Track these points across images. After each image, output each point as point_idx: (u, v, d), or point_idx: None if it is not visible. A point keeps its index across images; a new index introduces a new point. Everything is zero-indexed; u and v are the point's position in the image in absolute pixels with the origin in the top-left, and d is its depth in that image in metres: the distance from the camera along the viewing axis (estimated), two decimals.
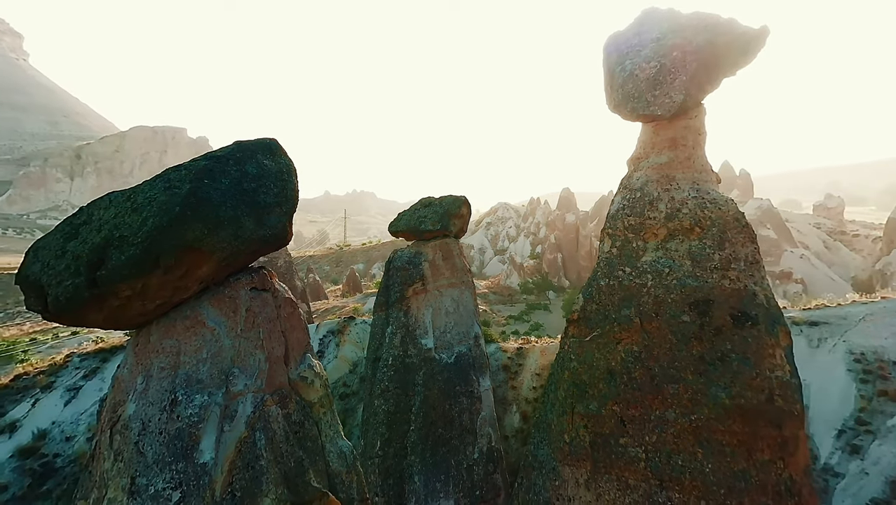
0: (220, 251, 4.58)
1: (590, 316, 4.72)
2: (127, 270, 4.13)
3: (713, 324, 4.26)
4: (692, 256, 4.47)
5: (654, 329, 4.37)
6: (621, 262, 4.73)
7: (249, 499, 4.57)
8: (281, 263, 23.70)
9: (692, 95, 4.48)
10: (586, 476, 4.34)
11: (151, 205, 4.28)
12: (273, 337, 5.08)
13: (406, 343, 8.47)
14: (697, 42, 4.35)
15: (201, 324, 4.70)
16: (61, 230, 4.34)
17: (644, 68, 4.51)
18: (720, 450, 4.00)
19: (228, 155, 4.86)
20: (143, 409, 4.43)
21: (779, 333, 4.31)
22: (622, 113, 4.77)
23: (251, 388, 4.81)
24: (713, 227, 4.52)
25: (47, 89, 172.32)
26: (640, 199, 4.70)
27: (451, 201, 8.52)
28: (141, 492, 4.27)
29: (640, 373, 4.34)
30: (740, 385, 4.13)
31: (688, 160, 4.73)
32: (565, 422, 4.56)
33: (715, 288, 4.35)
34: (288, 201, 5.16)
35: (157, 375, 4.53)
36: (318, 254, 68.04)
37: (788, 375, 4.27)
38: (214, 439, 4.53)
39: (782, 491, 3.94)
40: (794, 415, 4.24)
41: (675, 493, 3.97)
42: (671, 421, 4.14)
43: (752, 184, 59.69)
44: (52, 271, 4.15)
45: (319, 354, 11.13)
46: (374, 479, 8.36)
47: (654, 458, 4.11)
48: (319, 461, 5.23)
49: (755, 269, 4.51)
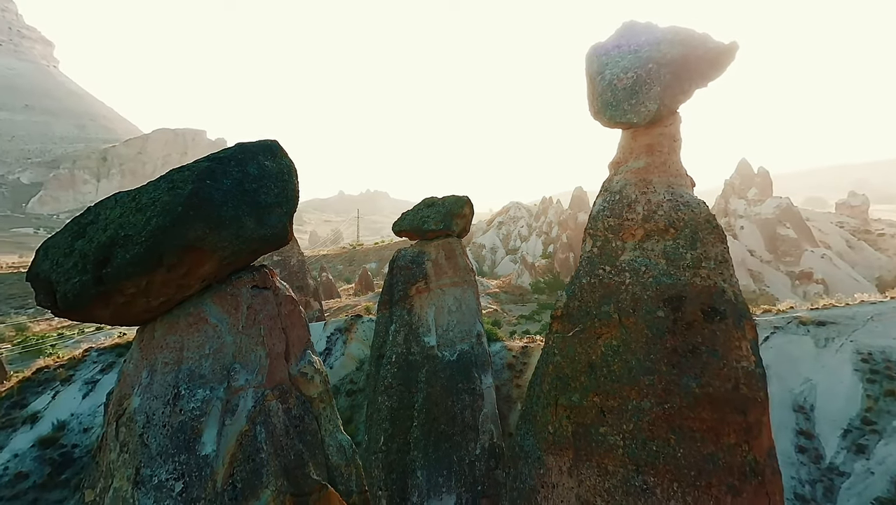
0: (222, 250, 4.65)
1: (572, 313, 4.96)
2: (131, 268, 4.21)
3: (685, 319, 4.53)
4: (666, 256, 4.74)
5: (631, 324, 4.64)
6: (601, 261, 4.97)
7: (250, 490, 4.63)
8: (294, 262, 23.91)
9: (666, 105, 4.76)
10: (569, 464, 4.60)
11: (155, 205, 4.36)
12: (274, 334, 5.13)
13: (409, 341, 8.49)
14: (672, 55, 4.69)
15: (204, 321, 4.77)
16: (70, 229, 4.44)
17: (622, 78, 4.79)
18: (691, 435, 4.34)
19: (230, 156, 4.93)
20: (147, 402, 4.52)
21: (745, 327, 4.61)
22: (601, 120, 5.04)
23: (252, 383, 4.87)
24: (686, 228, 4.78)
25: (76, 94, 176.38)
26: (619, 202, 4.97)
27: (453, 201, 8.52)
28: (145, 482, 4.35)
29: (619, 365, 4.60)
30: (709, 375, 4.43)
31: (663, 165, 5.01)
32: (549, 413, 4.79)
33: (687, 285, 4.63)
34: (288, 201, 5.20)
35: (161, 370, 4.61)
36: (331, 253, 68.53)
37: (753, 365, 4.54)
38: (216, 432, 4.60)
39: (747, 471, 4.26)
40: (757, 402, 4.50)
41: (650, 476, 4.29)
42: (647, 410, 4.41)
43: (771, 182, 57.70)
44: (61, 269, 4.25)
45: (327, 351, 11.22)
46: (378, 473, 8.40)
47: (630, 445, 4.40)
48: (319, 454, 5.27)
49: (724, 267, 4.76)
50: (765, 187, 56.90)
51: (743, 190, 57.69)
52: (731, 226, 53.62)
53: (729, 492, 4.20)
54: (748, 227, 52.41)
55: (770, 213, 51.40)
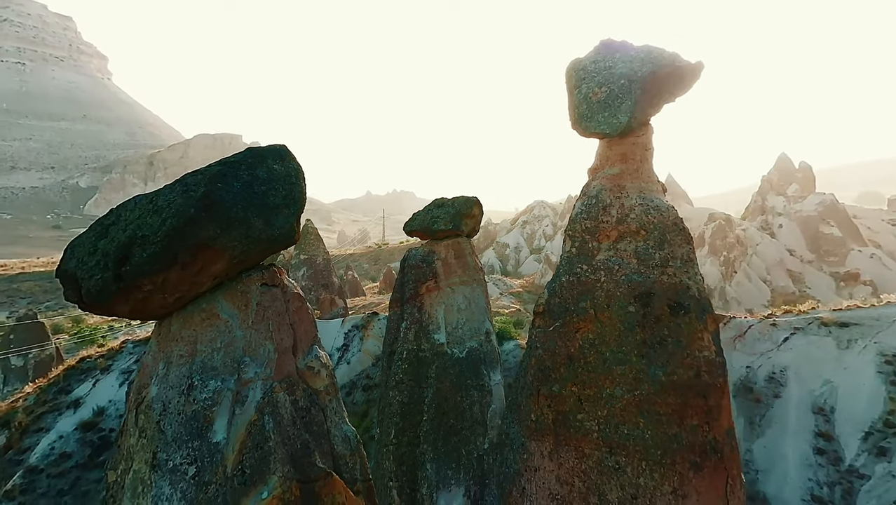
0: (232, 249, 4.80)
1: (553, 309, 5.20)
2: (148, 266, 4.40)
3: (653, 313, 4.86)
4: (637, 255, 5.04)
5: (605, 319, 4.95)
6: (579, 260, 5.23)
7: (258, 476, 4.76)
8: (320, 261, 24.38)
9: (636, 118, 5.05)
10: (549, 448, 4.91)
11: (170, 207, 4.54)
12: (282, 329, 5.26)
13: (419, 338, 8.54)
14: (643, 73, 5.00)
15: (216, 316, 4.94)
16: (94, 229, 4.67)
17: (596, 92, 5.12)
18: (657, 419, 4.66)
19: (241, 160, 5.08)
20: (164, 392, 4.72)
21: (707, 320, 4.92)
22: (578, 130, 5.34)
23: (261, 375, 5.01)
24: (655, 230, 5.04)
25: (126, 104, 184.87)
26: (595, 205, 5.24)
27: (462, 202, 8.53)
28: (161, 466, 4.55)
29: (594, 357, 4.90)
30: (674, 364, 4.73)
31: (636, 172, 5.31)
32: (532, 403, 5.06)
33: (655, 282, 4.91)
34: (295, 203, 5.32)
35: (176, 362, 4.81)
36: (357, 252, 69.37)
37: (714, 354, 4.85)
38: (227, 421, 4.76)
39: (707, 449, 4.61)
40: (717, 387, 4.78)
41: (622, 457, 4.64)
42: (619, 397, 4.74)
43: (813, 177, 52.50)
44: (85, 266, 4.48)
45: (345, 347, 11.40)
46: (389, 465, 8.49)
47: (604, 429, 4.73)
48: (325, 444, 5.37)
49: (689, 266, 5.10)
50: (807, 183, 52.96)
51: (782, 186, 53.90)
52: (768, 224, 50.53)
53: (692, 468, 4.54)
54: (788, 225, 49.30)
55: (812, 211, 47.87)
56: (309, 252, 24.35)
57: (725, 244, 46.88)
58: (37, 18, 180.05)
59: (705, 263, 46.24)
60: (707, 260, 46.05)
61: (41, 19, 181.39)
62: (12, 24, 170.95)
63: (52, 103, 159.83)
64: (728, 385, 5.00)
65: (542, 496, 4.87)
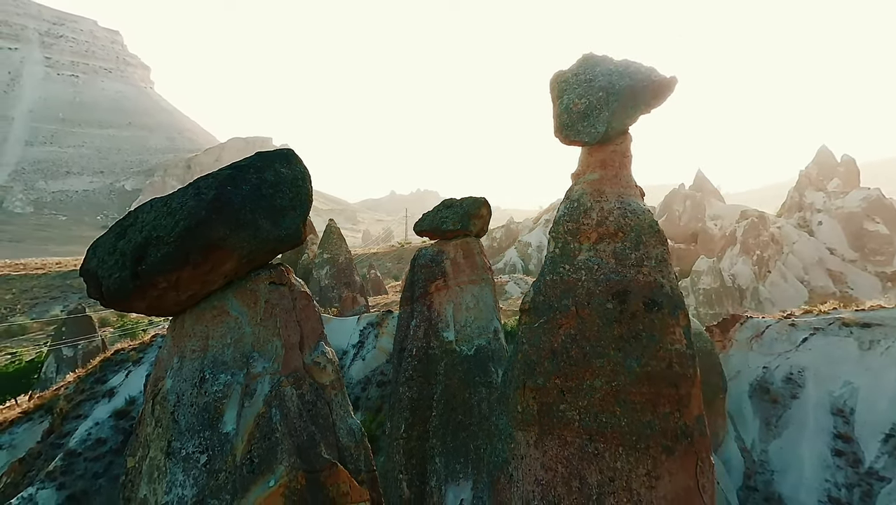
0: (241, 249, 4.91)
1: (538, 306, 5.39)
2: (162, 265, 4.55)
3: (629, 310, 5.10)
4: (615, 256, 5.25)
5: (586, 315, 5.14)
6: (562, 260, 5.42)
7: (266, 465, 4.87)
8: (342, 260, 24.71)
9: (614, 127, 5.30)
10: (535, 438, 5.12)
11: (183, 209, 4.68)
12: (289, 326, 5.36)
13: (429, 335, 8.56)
14: (620, 86, 5.24)
15: (226, 313, 5.07)
16: (114, 230, 4.85)
17: (576, 104, 5.30)
18: (633, 407, 4.90)
19: (249, 164, 5.19)
20: (178, 384, 4.88)
21: (679, 316, 5.13)
22: (560, 137, 5.56)
23: (269, 370, 5.12)
24: (632, 232, 5.33)
25: (166, 111, 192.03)
26: (577, 208, 5.44)
27: (470, 203, 8.50)
28: (175, 453, 4.71)
29: (576, 351, 5.10)
30: (648, 356, 4.96)
31: (615, 178, 5.54)
32: (518, 395, 5.25)
33: (632, 281, 5.18)
34: (302, 205, 5.41)
35: (189, 357, 4.96)
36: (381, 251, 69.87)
37: (684, 347, 5.05)
38: (236, 413, 4.88)
39: (678, 434, 4.84)
40: (687, 377, 4.98)
41: (600, 443, 4.93)
42: (598, 388, 5.02)
43: (857, 171, 49.32)
44: (105, 266, 4.67)
45: (360, 344, 11.51)
46: (399, 458, 8.54)
47: (585, 418, 5.01)
48: (330, 436, 5.44)
49: (663, 265, 5.31)
50: (849, 177, 48.55)
51: (822, 181, 50.38)
52: (806, 221, 47.26)
53: (664, 452, 4.80)
54: (828, 222, 46.05)
55: (855, 207, 44.51)
56: (332, 251, 24.72)
57: (759, 242, 44.18)
58: (88, 34, 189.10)
59: (737, 262, 43.49)
60: (739, 259, 43.38)
61: (92, 34, 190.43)
62: (67, 40, 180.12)
63: (101, 112, 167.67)
64: (698, 375, 5.10)
65: (528, 482, 5.12)
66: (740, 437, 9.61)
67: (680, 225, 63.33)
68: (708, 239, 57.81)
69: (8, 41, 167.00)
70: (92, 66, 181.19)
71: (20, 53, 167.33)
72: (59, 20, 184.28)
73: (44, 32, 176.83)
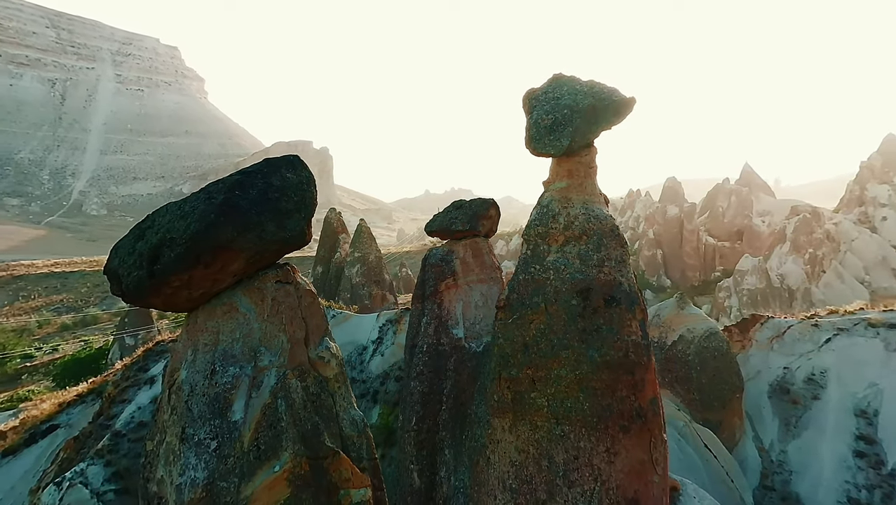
0: (248, 250, 5.03)
1: (512, 303, 5.71)
2: (175, 265, 4.72)
3: (591, 306, 5.43)
4: (580, 257, 5.59)
5: (554, 311, 5.50)
6: (533, 261, 5.75)
7: (272, 451, 4.99)
8: (372, 259, 25.05)
9: (577, 142, 5.65)
10: (509, 423, 5.46)
11: (194, 212, 4.83)
12: (294, 322, 5.46)
13: (439, 332, 8.53)
14: (583, 104, 5.61)
15: (235, 310, 5.21)
16: (133, 232, 5.07)
17: (544, 119, 5.74)
18: (594, 392, 5.25)
19: (257, 170, 5.31)
20: (191, 375, 5.06)
21: (635, 310, 5.48)
22: (530, 149, 5.90)
23: (275, 363, 5.23)
24: (594, 235, 5.66)
25: (218, 119, 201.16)
26: (546, 214, 5.77)
27: (479, 204, 8.43)
28: (188, 439, 4.89)
29: (545, 344, 5.45)
30: (607, 347, 5.31)
31: (580, 186, 5.89)
32: (495, 385, 5.60)
33: (594, 280, 5.51)
34: (306, 208, 5.48)
35: (202, 350, 5.13)
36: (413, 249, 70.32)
37: (640, 338, 5.43)
38: (244, 403, 5.02)
39: (633, 415, 5.22)
40: (641, 364, 5.34)
41: (566, 426, 5.26)
42: (564, 376, 5.33)
43: None
44: (125, 265, 4.90)
45: (379, 340, 11.61)
46: (410, 449, 8.57)
47: (552, 404, 5.33)
48: (333, 426, 5.51)
49: (622, 266, 5.67)
50: None
51: (887, 173, 46.16)
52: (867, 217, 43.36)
53: (621, 431, 5.17)
54: (893, 218, 42.44)
55: None
56: (363, 250, 25.11)
57: (811, 240, 40.83)
58: (151, 51, 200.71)
59: (786, 261, 39.89)
60: (788, 259, 39.76)
61: (154, 51, 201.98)
62: (135, 58, 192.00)
63: (162, 122, 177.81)
64: (653, 362, 5.40)
65: (503, 463, 5.46)
66: (758, 437, 9.09)
67: (724, 222, 59.34)
68: (754, 236, 54.18)
69: (87, 62, 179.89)
70: (154, 81, 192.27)
71: (96, 72, 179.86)
72: (128, 40, 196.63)
73: (115, 52, 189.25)
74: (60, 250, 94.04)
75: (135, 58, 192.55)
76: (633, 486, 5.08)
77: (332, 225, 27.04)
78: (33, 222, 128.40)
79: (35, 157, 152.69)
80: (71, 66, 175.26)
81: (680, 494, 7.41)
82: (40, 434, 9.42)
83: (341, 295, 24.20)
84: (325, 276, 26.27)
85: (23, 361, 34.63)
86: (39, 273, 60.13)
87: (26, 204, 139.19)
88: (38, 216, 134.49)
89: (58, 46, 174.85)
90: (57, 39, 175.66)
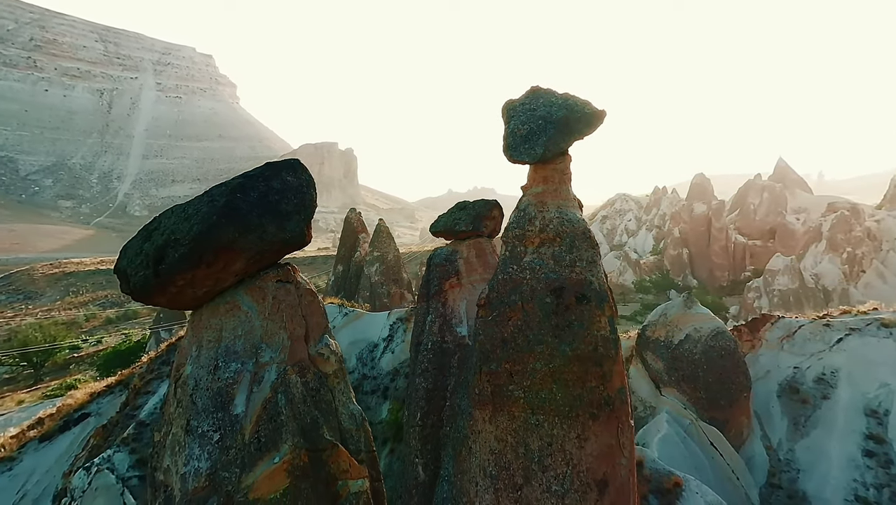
0: (249, 250, 5.08)
1: (492, 301, 5.87)
2: (179, 265, 4.81)
3: (564, 303, 5.61)
4: (554, 258, 5.80)
5: (530, 309, 5.69)
6: (511, 261, 5.91)
7: (272, 443, 5.04)
8: (391, 258, 25.15)
9: (550, 150, 5.82)
10: (489, 415, 5.66)
11: (197, 214, 4.91)
12: (295, 320, 5.49)
13: (443, 330, 8.47)
14: (557, 116, 5.84)
15: (238, 308, 5.28)
16: (141, 234, 5.18)
17: (520, 129, 5.95)
18: (566, 383, 5.45)
19: (259, 173, 5.36)
20: (196, 370, 5.15)
21: (604, 307, 5.67)
22: (507, 157, 6.03)
23: (276, 360, 5.28)
24: (567, 237, 5.84)
25: (249, 123, 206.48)
26: (523, 217, 5.91)
27: (482, 205, 8.33)
28: (193, 431, 4.99)
29: (522, 340, 5.64)
30: (578, 341, 5.51)
31: (556, 191, 6.06)
32: (476, 379, 5.75)
33: (567, 279, 5.70)
34: (306, 209, 5.50)
35: (205, 346, 5.22)
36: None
37: (608, 333, 5.60)
38: (245, 397, 5.08)
39: (602, 404, 5.45)
40: (609, 357, 5.55)
41: (541, 415, 5.47)
42: (538, 370, 5.53)
43: None
44: (133, 265, 5.02)
45: (390, 337, 11.62)
46: (415, 444, 8.56)
47: (528, 395, 5.52)
48: (332, 420, 5.54)
49: (593, 266, 5.84)
50: None
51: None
52: None
53: (591, 418, 5.39)
54: None
55: None
56: (381, 249, 25.26)
57: (850, 238, 38.28)
58: (188, 60, 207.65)
59: (822, 260, 37.59)
60: (824, 257, 37.48)
61: (191, 59, 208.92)
62: (173, 67, 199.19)
63: (198, 127, 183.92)
64: (621, 354, 5.58)
65: (484, 452, 5.66)
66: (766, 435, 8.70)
67: (755, 220, 56.13)
68: (788, 235, 51.06)
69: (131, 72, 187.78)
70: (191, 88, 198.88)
71: (139, 81, 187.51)
72: (167, 50, 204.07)
73: (155, 62, 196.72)
74: (107, 249, 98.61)
75: (173, 67, 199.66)
76: (601, 468, 5.35)
77: (353, 225, 27.31)
78: (83, 223, 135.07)
79: (85, 162, 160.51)
80: (117, 76, 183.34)
81: (683, 489, 7.16)
82: (73, 422, 9.85)
83: (360, 293, 24.43)
84: (345, 274, 26.57)
85: (71, 351, 36.41)
86: (87, 270, 63.16)
87: (77, 206, 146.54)
88: (88, 217, 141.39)
89: (105, 59, 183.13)
90: (104, 52, 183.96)
